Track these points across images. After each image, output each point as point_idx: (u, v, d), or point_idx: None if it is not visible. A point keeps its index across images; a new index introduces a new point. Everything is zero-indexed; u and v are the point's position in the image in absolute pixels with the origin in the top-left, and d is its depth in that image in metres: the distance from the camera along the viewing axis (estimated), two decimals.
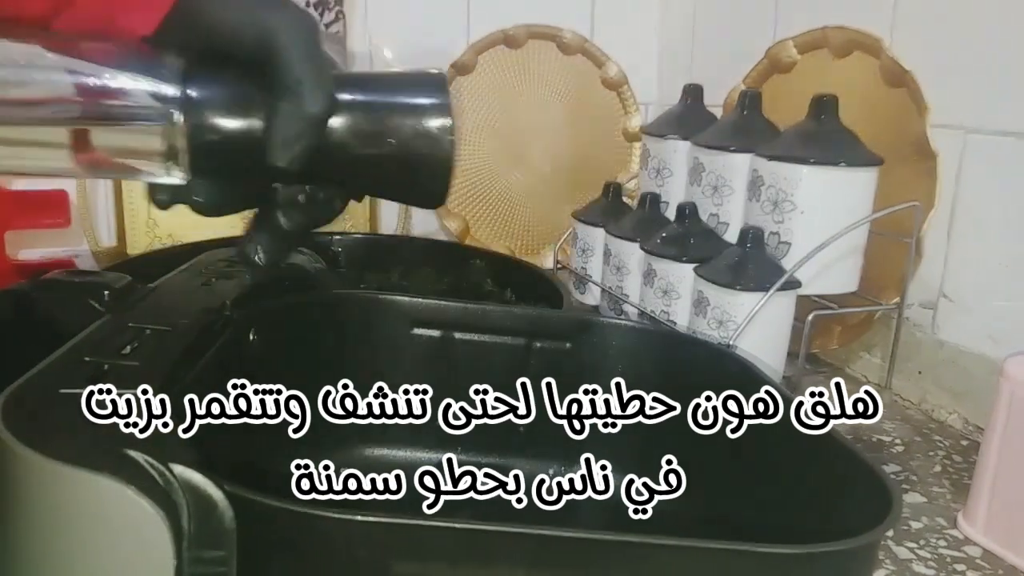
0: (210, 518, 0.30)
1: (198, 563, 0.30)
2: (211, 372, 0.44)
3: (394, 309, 0.58)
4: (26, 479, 0.30)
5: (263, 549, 0.31)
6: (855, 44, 0.83)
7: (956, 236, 0.75)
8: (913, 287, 0.78)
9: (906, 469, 0.68)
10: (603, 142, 1.20)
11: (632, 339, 0.58)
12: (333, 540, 0.31)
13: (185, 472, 0.30)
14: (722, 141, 0.78)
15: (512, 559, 0.31)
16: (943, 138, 0.75)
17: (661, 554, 0.32)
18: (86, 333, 0.41)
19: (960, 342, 0.75)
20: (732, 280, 0.68)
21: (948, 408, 0.76)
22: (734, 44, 1.04)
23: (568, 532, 0.31)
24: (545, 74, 1.17)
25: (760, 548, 0.31)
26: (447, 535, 0.31)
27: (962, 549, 0.57)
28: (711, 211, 0.79)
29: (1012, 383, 0.55)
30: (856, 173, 0.70)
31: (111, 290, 0.45)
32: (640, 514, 0.52)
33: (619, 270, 0.84)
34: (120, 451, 0.30)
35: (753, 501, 0.48)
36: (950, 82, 0.74)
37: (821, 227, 0.69)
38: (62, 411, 0.33)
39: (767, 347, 0.69)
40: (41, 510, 0.30)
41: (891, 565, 0.54)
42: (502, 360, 0.58)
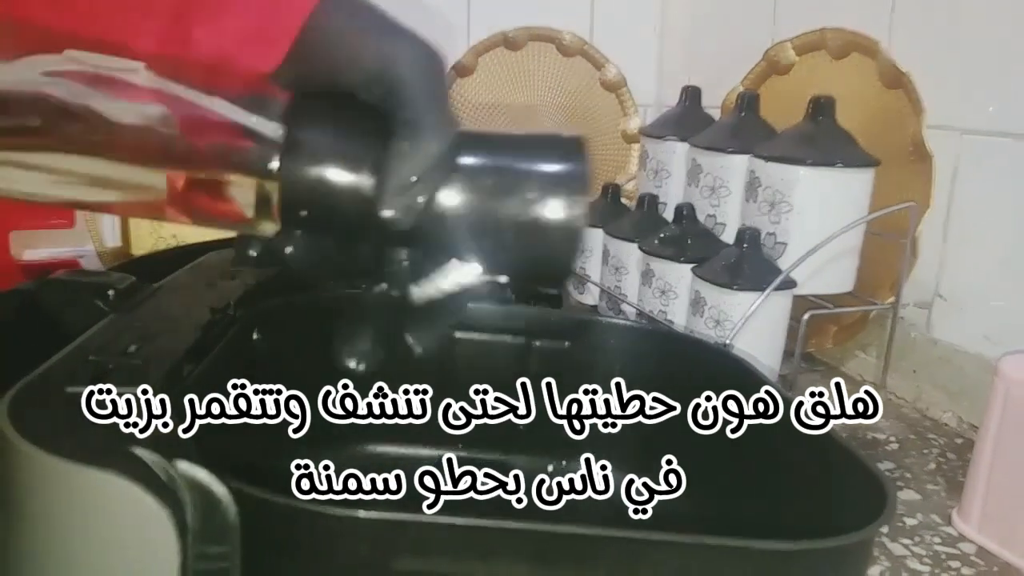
0: (214, 514, 0.30)
1: (202, 559, 0.30)
2: (215, 371, 0.44)
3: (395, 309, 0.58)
4: (32, 476, 0.30)
5: (266, 545, 0.32)
6: (853, 46, 0.83)
7: (952, 236, 0.76)
8: (908, 287, 0.78)
9: (901, 467, 0.68)
10: (602, 143, 1.20)
11: (630, 339, 0.58)
12: (336, 536, 0.31)
13: (189, 469, 0.30)
14: (720, 142, 0.78)
15: (513, 555, 0.31)
16: (939, 139, 0.75)
17: (659, 550, 0.32)
18: (91, 332, 0.42)
19: (955, 341, 0.76)
20: (729, 280, 0.69)
21: (943, 406, 0.77)
22: (732, 46, 1.05)
23: (569, 528, 0.32)
24: (545, 76, 1.17)
25: (756, 544, 0.32)
26: (449, 531, 0.31)
27: (956, 546, 0.57)
28: (708, 212, 0.79)
29: (1006, 382, 0.55)
30: (852, 174, 0.71)
31: (116, 290, 0.46)
32: (640, 514, 0.53)
33: (617, 270, 0.85)
34: (125, 448, 0.30)
35: (750, 499, 0.48)
36: (947, 84, 0.75)
37: (817, 227, 0.70)
38: (68, 409, 0.33)
39: (763, 346, 0.69)
40: (47, 507, 0.30)
41: (886, 561, 0.55)
42: (502, 359, 0.58)
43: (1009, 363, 0.56)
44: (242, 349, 0.49)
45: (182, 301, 0.48)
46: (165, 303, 0.48)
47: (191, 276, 0.54)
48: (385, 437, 0.57)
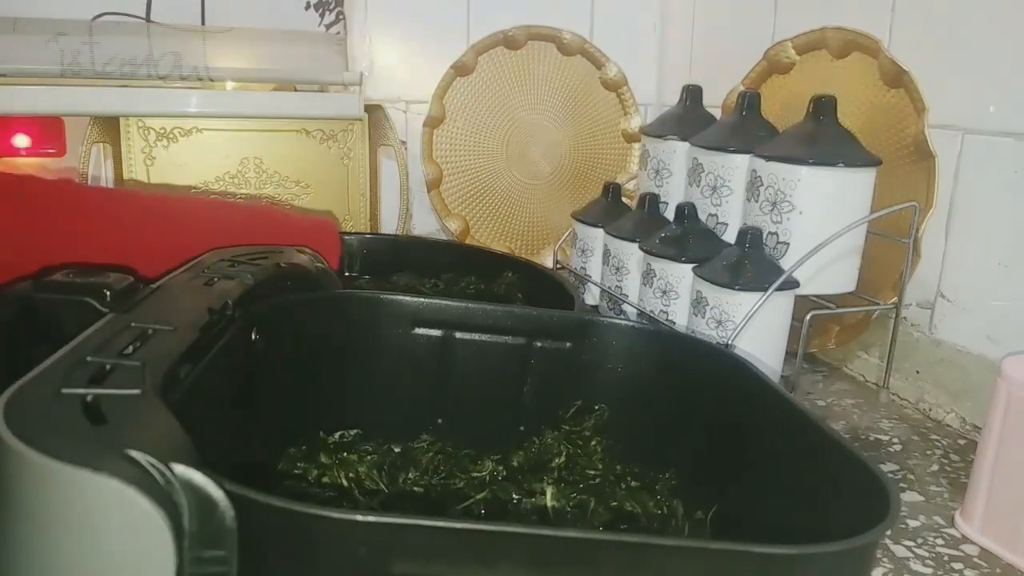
0: (211, 517, 0.30)
1: (199, 562, 0.30)
2: (213, 372, 0.44)
3: (395, 309, 0.58)
4: (27, 479, 0.30)
5: (263, 548, 0.31)
6: (854, 45, 0.83)
7: (954, 236, 0.76)
8: (911, 287, 0.78)
9: (904, 468, 0.68)
10: (603, 143, 1.20)
11: (631, 339, 0.58)
12: (334, 540, 0.31)
13: (186, 472, 0.30)
14: (721, 142, 0.78)
15: (512, 559, 0.31)
16: (941, 138, 0.75)
17: (660, 554, 0.32)
18: (88, 333, 0.41)
19: (957, 342, 0.76)
20: (730, 280, 0.68)
21: (946, 407, 0.77)
22: (733, 45, 1.05)
23: (568, 532, 0.31)
24: (545, 75, 1.17)
25: (759, 548, 0.31)
26: (447, 535, 0.31)
27: (959, 548, 0.57)
28: (710, 211, 0.79)
29: (1009, 383, 0.55)
30: (854, 173, 0.70)
31: (113, 290, 0.46)
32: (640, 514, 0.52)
33: (618, 270, 0.84)
34: (121, 451, 0.30)
35: (752, 501, 0.48)
36: (948, 83, 0.75)
37: (819, 227, 0.70)
38: (64, 411, 0.33)
39: (765, 347, 0.69)
40: (43, 510, 0.30)
41: (889, 563, 0.54)
42: (503, 360, 0.58)
43: (1012, 364, 0.56)
44: (241, 349, 0.49)
45: (180, 301, 0.48)
46: (163, 303, 0.48)
47: (189, 276, 0.54)
48: (384, 436, 0.56)
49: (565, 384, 0.58)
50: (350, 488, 0.51)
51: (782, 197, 0.71)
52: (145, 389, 0.35)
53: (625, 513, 0.51)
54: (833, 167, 0.69)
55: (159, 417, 0.34)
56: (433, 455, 0.55)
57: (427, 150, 1.15)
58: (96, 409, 0.33)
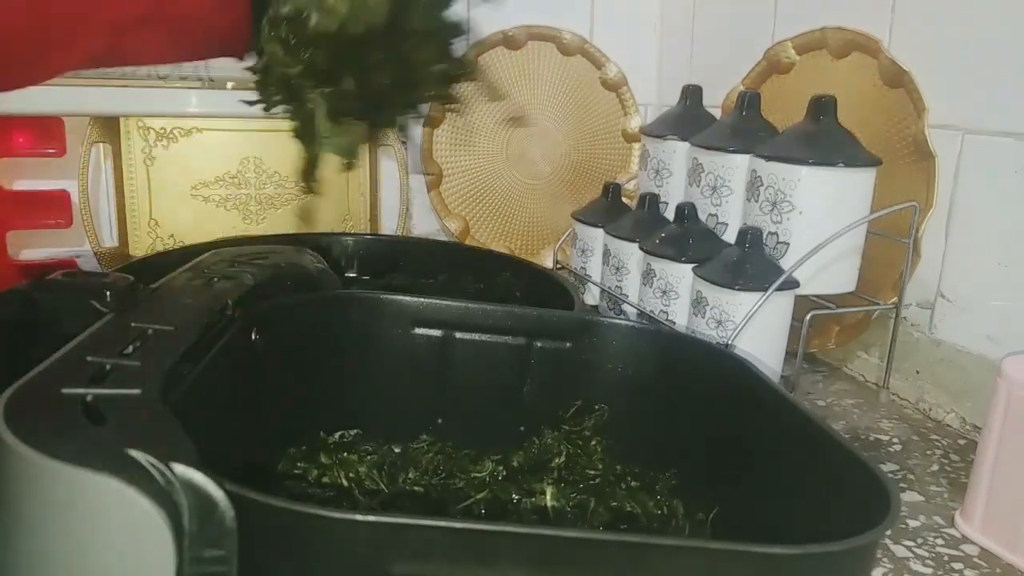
0: (211, 518, 0.30)
1: (199, 562, 0.30)
2: (213, 372, 0.44)
3: (395, 309, 0.58)
4: (27, 479, 0.30)
5: (264, 548, 0.31)
6: (854, 45, 0.83)
7: (954, 236, 0.76)
8: (911, 287, 0.78)
9: (904, 468, 0.68)
10: (603, 143, 1.20)
11: (631, 339, 0.58)
12: (334, 540, 0.31)
13: (186, 472, 0.30)
14: (721, 142, 0.78)
15: (512, 559, 0.31)
16: (941, 138, 0.75)
17: (660, 554, 0.32)
18: (88, 333, 0.41)
19: (958, 342, 0.76)
20: (731, 280, 0.68)
21: (946, 407, 0.77)
22: (733, 45, 1.05)
23: (568, 532, 0.31)
24: (545, 75, 1.17)
25: (759, 548, 0.31)
26: (447, 535, 0.31)
27: (959, 547, 0.57)
28: (710, 211, 0.79)
29: (1009, 383, 0.55)
30: (854, 173, 0.70)
31: (113, 290, 0.46)
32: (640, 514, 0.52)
33: (618, 270, 0.84)
34: (121, 451, 0.30)
35: (752, 501, 0.48)
36: (948, 83, 0.75)
37: (819, 227, 0.70)
38: (64, 411, 0.33)
39: (765, 347, 0.69)
40: (43, 509, 0.30)
41: (889, 563, 0.54)
42: (502, 360, 0.58)
43: (1012, 364, 0.56)
44: (241, 349, 0.49)
45: (180, 301, 0.48)
46: (163, 303, 0.48)
47: (189, 276, 0.54)
48: (384, 436, 0.57)
49: (565, 384, 0.58)
50: (350, 488, 0.51)
51: (782, 197, 0.71)
52: (145, 389, 0.35)
53: (625, 513, 0.51)
54: (833, 167, 0.69)
55: (159, 417, 0.34)
56: (433, 455, 0.55)
57: (427, 150, 1.15)
58: (96, 409, 0.33)
